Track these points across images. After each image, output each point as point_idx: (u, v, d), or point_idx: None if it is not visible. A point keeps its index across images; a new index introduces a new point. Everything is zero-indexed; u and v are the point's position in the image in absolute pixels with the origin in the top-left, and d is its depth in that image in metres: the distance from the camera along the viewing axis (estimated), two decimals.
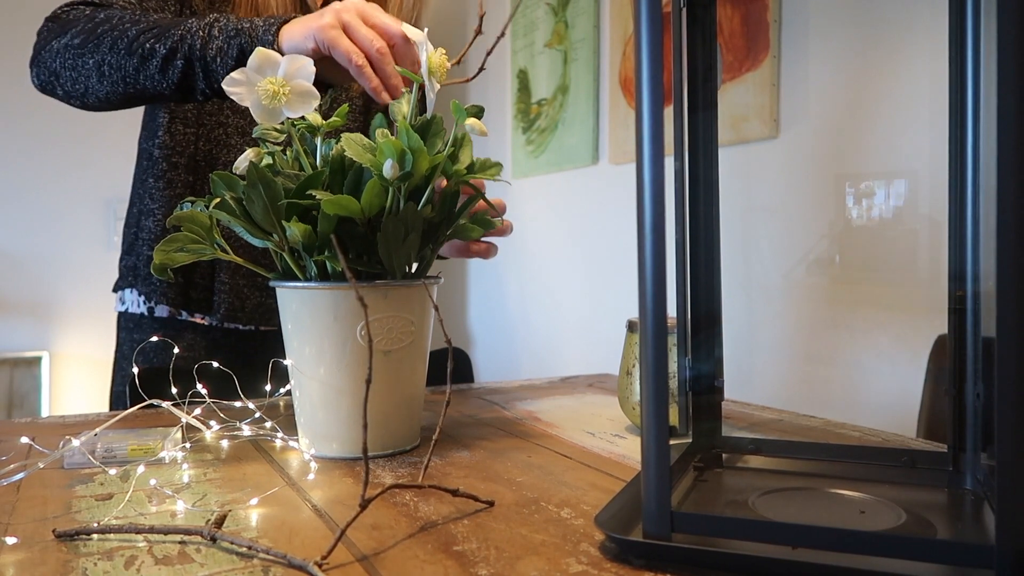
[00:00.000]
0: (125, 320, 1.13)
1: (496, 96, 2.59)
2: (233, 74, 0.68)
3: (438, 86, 0.73)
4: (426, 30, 0.73)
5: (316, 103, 0.70)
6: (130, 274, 1.10)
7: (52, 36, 0.94)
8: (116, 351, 1.14)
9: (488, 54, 0.78)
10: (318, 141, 0.74)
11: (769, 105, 1.54)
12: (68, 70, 0.92)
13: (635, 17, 0.44)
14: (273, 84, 0.68)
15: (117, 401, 1.12)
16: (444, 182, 0.73)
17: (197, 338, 1.10)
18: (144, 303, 1.10)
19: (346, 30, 0.80)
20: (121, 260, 1.12)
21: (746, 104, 1.59)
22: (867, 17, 1.38)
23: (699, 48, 0.64)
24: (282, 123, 0.72)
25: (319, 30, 0.80)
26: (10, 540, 0.50)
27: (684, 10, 0.63)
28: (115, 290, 1.13)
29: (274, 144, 0.74)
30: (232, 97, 0.68)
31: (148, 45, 0.87)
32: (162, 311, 1.09)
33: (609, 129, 2.06)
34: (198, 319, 1.09)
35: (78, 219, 2.90)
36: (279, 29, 0.83)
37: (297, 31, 0.82)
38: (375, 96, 0.80)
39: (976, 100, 0.54)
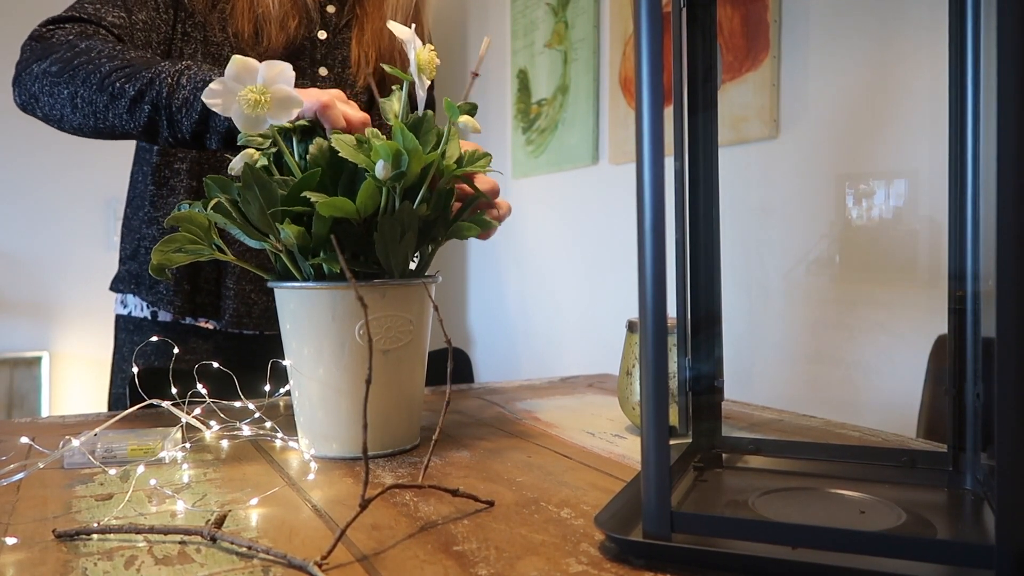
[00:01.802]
0: (125, 322, 1.12)
1: (496, 96, 2.59)
2: (212, 84, 0.68)
3: (428, 82, 0.72)
4: (413, 27, 0.73)
5: (298, 109, 0.69)
6: (133, 281, 1.09)
7: (34, 58, 0.93)
8: (115, 353, 1.14)
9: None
10: (293, 141, 0.73)
11: (769, 105, 1.54)
12: (46, 96, 0.92)
13: (635, 17, 0.44)
14: (254, 92, 0.67)
15: (116, 403, 1.12)
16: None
17: (200, 342, 1.10)
18: (147, 308, 1.10)
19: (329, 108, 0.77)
20: (123, 264, 1.12)
21: (746, 104, 1.59)
22: (867, 17, 1.38)
23: (699, 48, 0.64)
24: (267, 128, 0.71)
25: (307, 95, 0.75)
26: (10, 540, 0.50)
27: (684, 10, 0.63)
28: (114, 290, 1.13)
29: (257, 149, 0.74)
30: (213, 108, 0.68)
31: (118, 84, 0.86)
32: (165, 316, 1.09)
33: (609, 129, 2.06)
34: (202, 323, 1.09)
35: (78, 219, 2.90)
36: None
37: None
38: None
39: (976, 100, 0.54)
